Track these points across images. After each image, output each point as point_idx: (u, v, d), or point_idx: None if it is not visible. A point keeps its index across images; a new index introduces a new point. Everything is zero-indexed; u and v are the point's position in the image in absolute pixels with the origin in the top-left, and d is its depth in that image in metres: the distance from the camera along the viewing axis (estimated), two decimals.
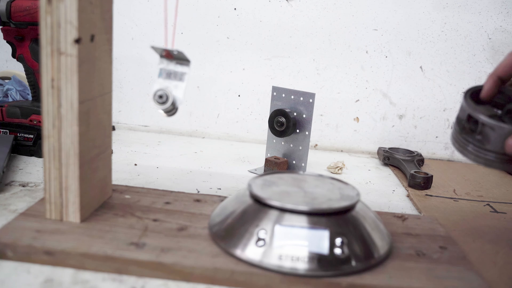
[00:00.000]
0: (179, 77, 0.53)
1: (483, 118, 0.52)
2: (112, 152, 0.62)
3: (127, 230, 0.53)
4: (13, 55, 0.86)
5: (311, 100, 0.85)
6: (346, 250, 0.48)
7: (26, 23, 0.82)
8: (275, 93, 0.90)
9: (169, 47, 0.52)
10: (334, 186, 0.59)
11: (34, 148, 0.84)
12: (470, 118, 0.54)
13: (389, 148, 1.07)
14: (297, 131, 0.88)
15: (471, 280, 0.49)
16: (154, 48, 0.53)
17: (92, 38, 0.52)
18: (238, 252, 0.49)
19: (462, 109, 0.56)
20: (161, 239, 0.51)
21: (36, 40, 0.84)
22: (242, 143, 1.13)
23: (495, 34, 1.07)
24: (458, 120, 0.56)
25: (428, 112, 1.12)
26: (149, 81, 1.14)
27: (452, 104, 1.11)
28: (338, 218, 0.51)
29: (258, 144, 1.12)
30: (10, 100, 1.01)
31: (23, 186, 0.69)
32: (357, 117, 1.13)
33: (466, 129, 0.54)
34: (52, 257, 0.48)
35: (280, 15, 1.09)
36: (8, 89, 1.02)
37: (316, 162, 1.00)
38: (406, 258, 0.52)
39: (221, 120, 1.15)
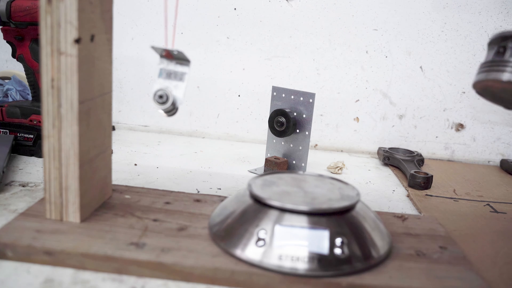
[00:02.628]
0: (179, 77, 0.53)
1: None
2: (112, 152, 0.62)
3: (127, 230, 0.53)
4: (13, 55, 0.86)
5: (311, 100, 0.85)
6: (346, 250, 0.48)
7: (26, 23, 0.82)
8: (275, 93, 0.90)
9: (169, 47, 0.52)
10: (334, 186, 0.59)
11: (34, 148, 0.84)
12: (504, 39, 0.52)
13: (389, 148, 1.07)
14: (297, 131, 0.88)
15: (471, 280, 0.49)
16: (154, 48, 0.53)
17: (92, 38, 0.52)
18: (238, 252, 0.49)
19: (491, 43, 0.54)
20: (161, 239, 0.51)
21: (36, 40, 0.84)
22: (242, 143, 1.13)
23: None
24: (487, 58, 0.54)
25: (428, 112, 1.12)
26: (149, 81, 1.14)
27: (452, 104, 1.11)
28: (338, 218, 0.51)
29: (258, 144, 1.12)
30: (10, 100, 1.01)
31: (23, 186, 0.69)
32: (357, 117, 1.13)
33: (501, 53, 0.52)
34: (52, 257, 0.48)
35: (280, 15, 1.09)
36: (8, 89, 1.02)
37: (316, 162, 1.00)
38: (406, 258, 0.52)
39: (221, 120, 1.15)
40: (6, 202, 0.62)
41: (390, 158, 1.01)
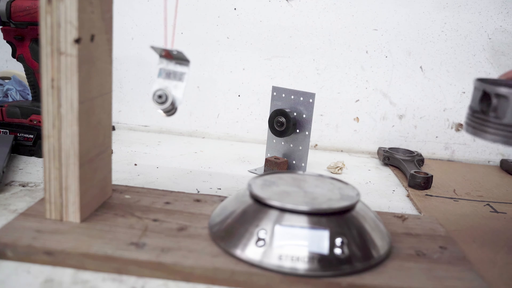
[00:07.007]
0: (178, 77, 0.53)
1: (498, 89, 0.50)
2: (112, 152, 0.62)
3: (127, 230, 0.53)
4: (13, 55, 0.86)
5: (311, 100, 0.85)
6: (346, 250, 0.48)
7: (26, 23, 0.82)
8: (275, 93, 0.90)
9: (168, 47, 0.52)
10: (334, 186, 0.59)
11: (34, 148, 0.84)
12: (484, 95, 0.52)
13: (389, 148, 1.07)
14: (297, 131, 0.88)
15: (471, 280, 0.49)
16: (153, 48, 0.53)
17: (92, 38, 0.52)
18: (238, 252, 0.49)
19: (475, 92, 0.54)
20: (161, 239, 0.51)
21: (36, 40, 0.84)
22: (242, 143, 1.13)
23: (495, 34, 1.07)
24: (471, 106, 0.55)
25: (428, 112, 1.12)
26: (149, 81, 1.14)
27: (452, 104, 1.11)
28: (338, 218, 0.51)
29: (258, 144, 1.12)
30: (10, 100, 1.01)
31: (23, 186, 0.69)
32: (357, 117, 1.13)
33: (481, 109, 0.52)
34: (52, 257, 0.48)
35: (280, 15, 1.09)
36: (8, 89, 1.02)
37: (316, 162, 1.00)
38: (406, 258, 0.52)
39: (221, 120, 1.15)
40: (6, 202, 0.62)
41: (390, 158, 1.01)
